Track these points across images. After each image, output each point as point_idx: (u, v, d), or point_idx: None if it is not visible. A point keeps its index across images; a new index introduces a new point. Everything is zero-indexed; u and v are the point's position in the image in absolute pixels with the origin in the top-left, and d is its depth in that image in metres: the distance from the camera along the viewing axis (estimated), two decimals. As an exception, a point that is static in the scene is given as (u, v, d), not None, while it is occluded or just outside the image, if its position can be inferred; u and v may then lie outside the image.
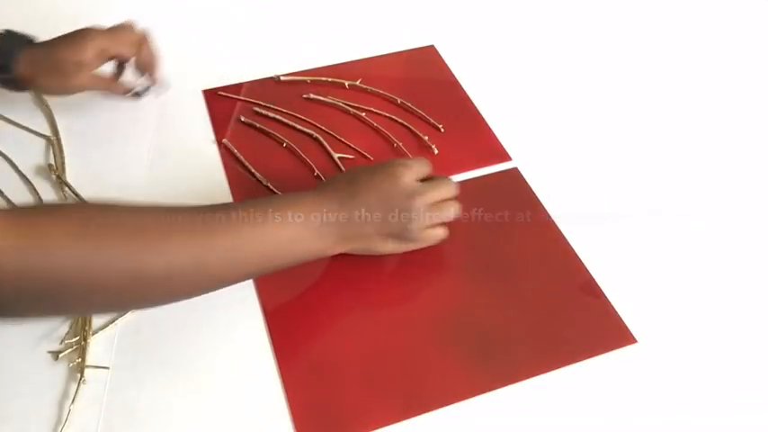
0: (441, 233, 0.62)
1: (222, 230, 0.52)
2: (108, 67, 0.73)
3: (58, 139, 0.72)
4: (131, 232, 0.48)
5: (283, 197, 0.64)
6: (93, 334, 0.58)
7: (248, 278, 0.59)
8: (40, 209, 0.55)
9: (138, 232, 0.49)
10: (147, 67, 0.74)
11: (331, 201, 0.58)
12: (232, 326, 0.59)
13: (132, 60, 0.73)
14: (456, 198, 0.63)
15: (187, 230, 0.51)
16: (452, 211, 0.62)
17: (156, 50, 0.74)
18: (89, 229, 0.47)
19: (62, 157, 0.70)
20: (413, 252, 0.63)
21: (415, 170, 0.61)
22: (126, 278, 0.48)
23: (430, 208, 0.60)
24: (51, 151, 0.71)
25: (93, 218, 0.48)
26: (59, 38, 0.69)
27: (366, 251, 0.61)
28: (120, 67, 0.75)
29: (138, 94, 0.75)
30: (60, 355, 0.56)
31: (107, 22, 0.73)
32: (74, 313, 0.57)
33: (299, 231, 0.56)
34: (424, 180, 0.62)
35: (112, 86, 0.74)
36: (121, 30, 0.72)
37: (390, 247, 0.61)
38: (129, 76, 0.75)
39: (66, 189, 0.68)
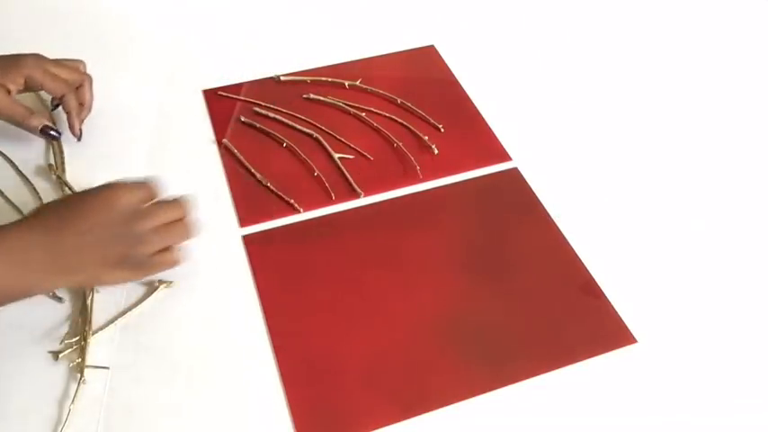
0: (173, 257, 0.58)
1: None
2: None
3: (59, 141, 0.72)
4: None
5: None
6: (93, 334, 0.57)
7: None
8: None
9: None
10: (70, 111, 0.69)
11: (35, 231, 0.53)
12: (232, 326, 0.59)
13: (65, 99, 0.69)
14: (185, 219, 0.59)
15: None
16: (184, 232, 0.58)
17: (89, 99, 0.71)
18: None
19: (62, 157, 0.70)
20: (411, 252, 0.63)
21: (134, 191, 0.56)
22: None
23: (158, 230, 0.56)
24: (51, 151, 0.71)
25: None
26: None
27: (93, 283, 0.57)
28: (55, 104, 0.71)
29: (48, 134, 0.68)
30: (60, 355, 0.56)
31: (107, 21, 0.73)
32: None
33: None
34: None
35: (26, 118, 0.67)
36: (65, 67, 0.69)
37: (120, 275, 0.56)
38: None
39: (67, 189, 0.68)
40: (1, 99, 0.65)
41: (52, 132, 0.68)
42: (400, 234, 0.66)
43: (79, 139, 0.70)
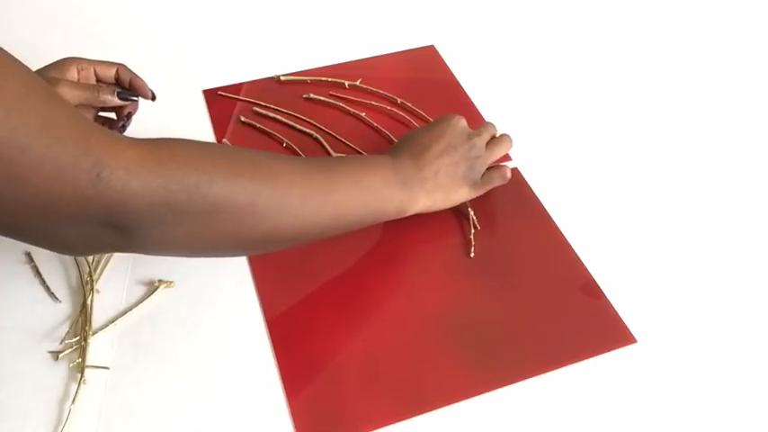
0: (503, 172, 0.67)
1: (325, 180, 0.56)
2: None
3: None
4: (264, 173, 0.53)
5: (359, 158, 0.68)
6: (93, 334, 0.58)
7: (332, 232, 0.58)
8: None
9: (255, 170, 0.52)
10: (132, 78, 0.67)
11: (404, 159, 0.62)
12: (232, 326, 0.59)
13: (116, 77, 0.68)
14: (499, 135, 0.69)
15: (303, 173, 0.55)
16: (507, 144, 0.69)
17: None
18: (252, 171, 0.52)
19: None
20: (412, 252, 0.63)
21: (462, 119, 0.66)
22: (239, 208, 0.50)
23: (488, 146, 0.66)
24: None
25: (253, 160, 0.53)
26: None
27: (445, 204, 0.65)
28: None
29: (126, 98, 0.66)
30: (60, 355, 0.56)
31: (107, 21, 0.72)
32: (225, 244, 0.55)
33: (387, 181, 0.60)
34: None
35: (99, 93, 0.65)
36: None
37: (465, 193, 0.65)
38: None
39: None
40: (70, 86, 0.64)
41: (129, 97, 0.66)
42: (400, 234, 0.66)
43: (154, 99, 0.68)
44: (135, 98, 0.67)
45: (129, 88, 0.67)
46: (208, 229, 0.50)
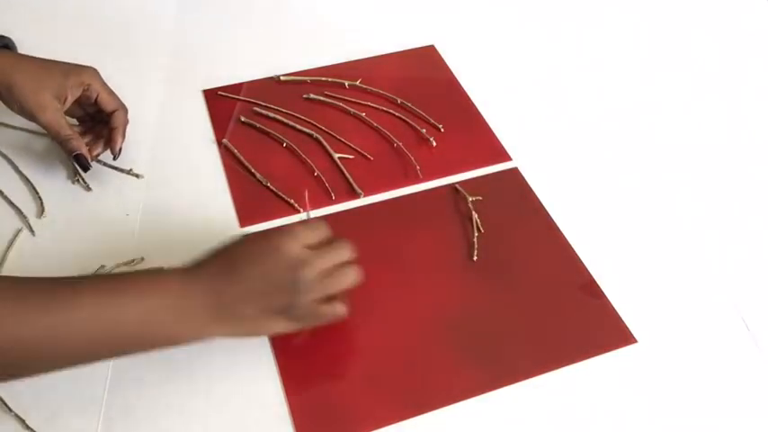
0: (338, 309, 0.54)
1: (49, 305, 0.47)
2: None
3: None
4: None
5: (148, 272, 0.55)
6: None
7: (82, 364, 0.50)
8: None
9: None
10: (117, 127, 0.68)
11: (200, 278, 0.51)
12: (232, 326, 0.59)
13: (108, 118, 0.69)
14: (349, 263, 0.54)
15: (7, 302, 0.46)
16: (349, 278, 0.54)
17: (126, 127, 0.69)
18: None
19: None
20: (412, 252, 0.63)
21: (301, 237, 0.53)
22: None
23: (321, 278, 0.52)
24: (56, 149, 0.71)
25: None
26: (49, 61, 0.66)
27: (253, 333, 0.55)
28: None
29: (79, 162, 0.66)
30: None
31: (108, 21, 0.72)
32: None
33: (156, 312, 0.49)
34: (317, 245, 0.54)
35: (69, 139, 0.65)
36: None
37: (281, 326, 0.53)
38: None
39: (80, 181, 0.69)
40: (54, 111, 0.65)
41: (84, 163, 0.66)
42: (400, 234, 0.66)
43: (115, 158, 0.68)
44: (87, 168, 0.66)
45: (109, 131, 0.68)
46: None
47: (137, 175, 0.68)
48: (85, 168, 0.67)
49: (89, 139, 0.69)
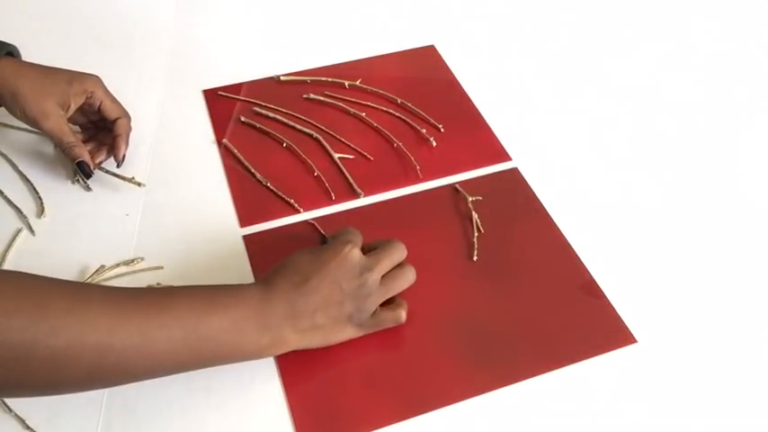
0: (397, 315, 0.57)
1: (140, 311, 0.47)
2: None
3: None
4: (33, 304, 0.44)
5: (225, 285, 0.55)
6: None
7: (163, 374, 0.51)
8: None
9: (41, 305, 0.44)
10: (121, 134, 0.68)
11: (275, 290, 0.53)
12: (232, 326, 0.59)
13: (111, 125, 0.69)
14: (404, 263, 0.58)
15: (97, 308, 0.46)
16: (408, 278, 0.58)
17: (129, 135, 0.69)
18: None
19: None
20: (412, 252, 0.62)
21: (356, 243, 0.56)
22: (17, 353, 0.43)
23: (383, 281, 0.56)
24: (55, 150, 0.71)
25: None
26: (52, 69, 0.67)
27: (323, 343, 0.55)
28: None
29: (81, 169, 0.66)
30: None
31: (108, 21, 0.72)
32: None
33: (237, 322, 0.51)
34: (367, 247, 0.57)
35: (72, 146, 0.66)
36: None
37: (349, 333, 0.56)
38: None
39: (79, 181, 0.69)
40: (57, 118, 0.65)
41: (87, 170, 0.66)
42: (400, 234, 0.66)
43: (119, 166, 0.69)
44: (89, 175, 0.67)
45: (113, 138, 0.68)
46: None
47: (139, 184, 0.68)
48: (88, 176, 0.67)
49: (92, 146, 0.70)
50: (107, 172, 0.69)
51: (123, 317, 0.47)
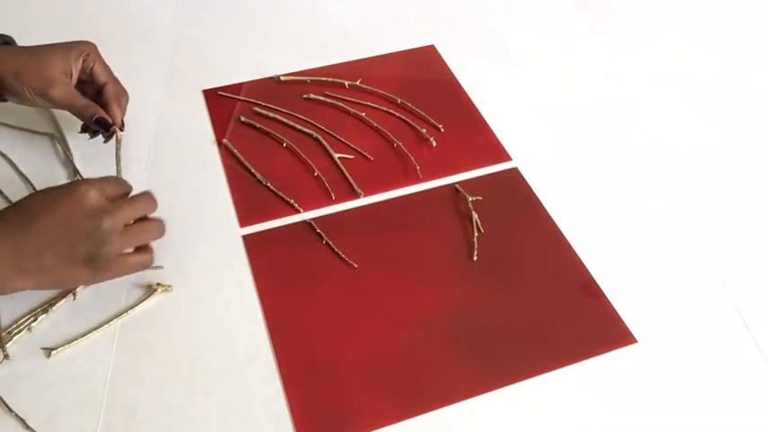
0: (143, 259, 0.55)
1: None
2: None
3: (63, 136, 0.72)
4: None
5: None
6: (89, 333, 0.57)
7: None
8: None
9: None
10: (110, 99, 0.68)
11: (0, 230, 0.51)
12: (232, 326, 0.59)
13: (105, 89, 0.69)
14: (153, 216, 0.56)
15: None
16: (154, 231, 0.56)
17: (123, 101, 0.70)
18: None
19: (69, 151, 0.71)
20: (412, 252, 0.63)
21: (102, 187, 0.53)
22: None
23: (126, 229, 0.53)
24: (55, 150, 0.71)
25: None
26: (47, 45, 0.67)
27: (54, 285, 0.54)
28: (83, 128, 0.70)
29: (101, 125, 0.67)
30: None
31: (107, 21, 0.72)
32: None
33: None
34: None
35: (84, 107, 0.66)
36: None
37: (83, 277, 0.54)
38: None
39: (78, 177, 0.69)
40: (64, 85, 0.65)
41: (106, 124, 0.67)
42: (400, 234, 0.66)
43: (122, 129, 0.69)
44: (105, 133, 0.68)
45: (103, 106, 0.68)
46: None
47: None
48: (107, 128, 0.67)
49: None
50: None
51: None
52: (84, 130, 0.70)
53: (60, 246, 0.51)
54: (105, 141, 0.69)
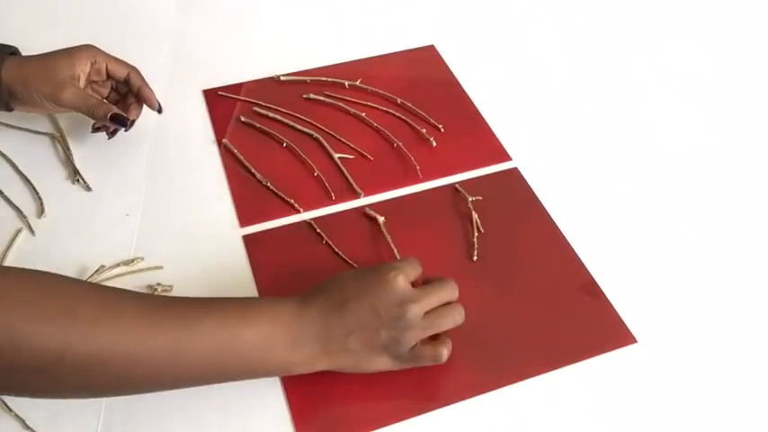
0: (442, 353, 0.54)
1: (171, 323, 0.47)
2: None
3: (63, 136, 0.72)
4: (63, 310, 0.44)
5: (259, 299, 0.55)
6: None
7: (192, 385, 0.51)
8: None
9: (70, 312, 0.44)
10: (141, 85, 0.70)
11: (311, 310, 0.52)
12: (232, 326, 0.59)
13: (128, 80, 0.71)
14: (453, 302, 0.55)
15: (129, 318, 0.46)
16: (455, 318, 0.54)
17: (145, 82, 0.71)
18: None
19: (68, 155, 0.71)
20: (412, 252, 0.62)
21: (407, 272, 0.54)
22: (47, 359, 0.43)
23: (427, 317, 0.53)
24: (55, 150, 0.71)
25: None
26: (50, 52, 0.68)
27: (354, 369, 0.53)
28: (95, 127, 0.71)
29: (118, 121, 0.67)
30: None
31: (107, 21, 0.73)
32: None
33: (269, 338, 0.50)
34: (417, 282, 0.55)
35: (97, 107, 0.66)
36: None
37: (383, 363, 0.53)
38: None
39: (79, 180, 0.69)
40: (73, 87, 0.66)
41: (122, 119, 0.67)
42: (400, 234, 0.66)
43: (160, 111, 0.71)
44: (123, 127, 0.68)
45: (136, 93, 0.70)
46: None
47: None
48: (124, 123, 0.68)
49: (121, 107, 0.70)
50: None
51: (154, 328, 0.46)
52: (95, 130, 0.70)
53: (366, 331, 0.52)
54: (126, 130, 0.69)
